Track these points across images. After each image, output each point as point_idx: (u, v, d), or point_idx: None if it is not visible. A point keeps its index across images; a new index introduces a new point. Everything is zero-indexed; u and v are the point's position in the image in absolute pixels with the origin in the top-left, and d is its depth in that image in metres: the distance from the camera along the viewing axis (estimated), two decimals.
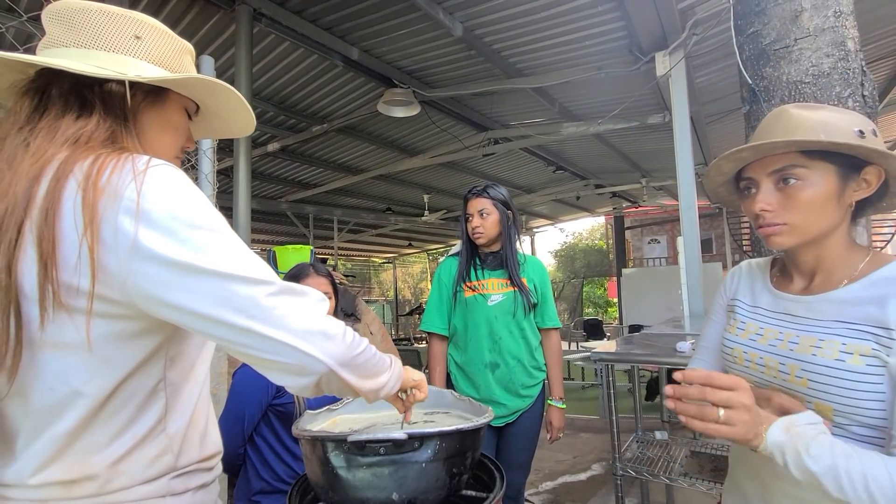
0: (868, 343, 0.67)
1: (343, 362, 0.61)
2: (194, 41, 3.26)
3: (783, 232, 0.74)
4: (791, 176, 0.72)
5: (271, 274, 0.60)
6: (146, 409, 0.64)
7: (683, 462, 1.98)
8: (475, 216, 1.79)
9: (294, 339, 0.58)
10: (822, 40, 1.27)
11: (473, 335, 1.77)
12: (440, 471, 0.80)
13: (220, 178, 5.72)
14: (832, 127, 0.70)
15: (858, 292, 0.72)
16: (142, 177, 0.57)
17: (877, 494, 0.60)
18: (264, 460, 1.31)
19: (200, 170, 1.89)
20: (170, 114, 0.70)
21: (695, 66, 3.60)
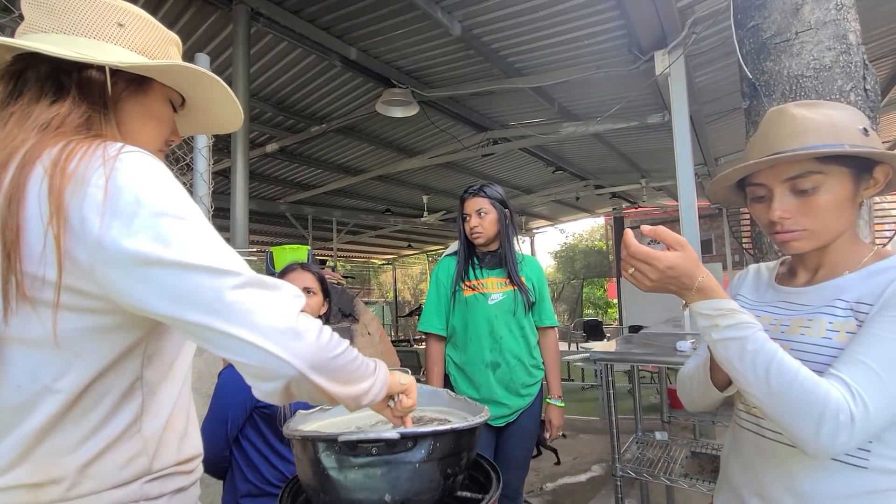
0: (851, 320, 0.70)
1: (315, 365, 0.56)
2: (191, 41, 3.26)
3: (803, 237, 0.75)
4: (806, 184, 0.72)
5: (240, 264, 0.56)
6: (120, 409, 0.61)
7: (684, 463, 1.96)
8: (473, 216, 1.77)
9: (258, 337, 0.53)
10: (823, 33, 1.26)
11: (474, 335, 1.75)
12: (434, 471, 0.78)
13: (218, 178, 5.71)
14: (840, 128, 0.71)
15: (855, 280, 0.74)
16: (112, 163, 0.54)
17: (773, 375, 0.64)
18: (251, 462, 1.28)
19: (196, 168, 1.87)
20: (153, 104, 0.68)
21: (694, 66, 3.59)
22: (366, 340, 2.88)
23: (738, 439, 0.85)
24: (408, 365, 6.24)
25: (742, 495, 0.81)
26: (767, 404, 0.66)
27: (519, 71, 3.76)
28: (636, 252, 0.70)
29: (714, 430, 3.45)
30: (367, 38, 3.34)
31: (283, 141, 4.85)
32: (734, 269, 7.82)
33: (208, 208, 1.87)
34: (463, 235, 1.81)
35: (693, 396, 0.89)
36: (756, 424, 0.80)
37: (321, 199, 7.23)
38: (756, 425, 0.80)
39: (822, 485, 0.70)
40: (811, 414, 0.62)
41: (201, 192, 1.87)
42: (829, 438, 0.61)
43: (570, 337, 9.13)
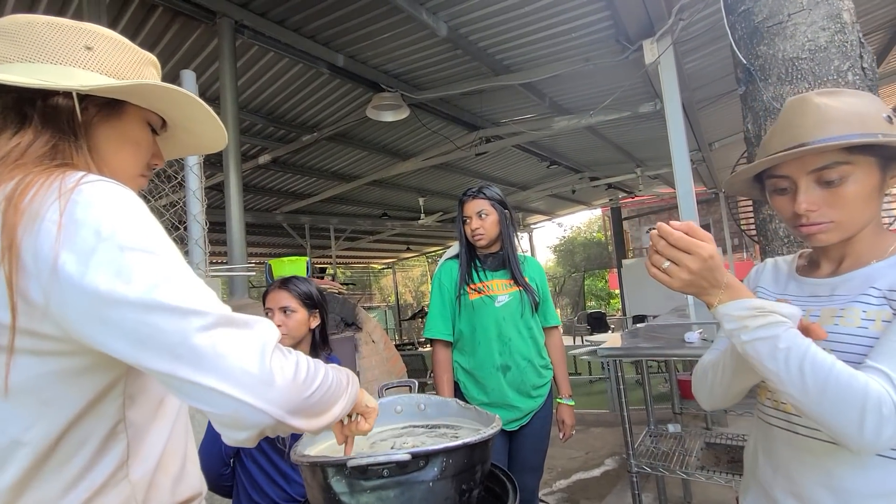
0: (886, 308, 0.67)
1: (293, 409, 0.52)
2: (177, 57, 3.23)
3: (829, 230, 0.72)
4: (833, 175, 0.70)
5: (208, 302, 0.52)
6: (103, 455, 0.57)
7: (699, 455, 1.94)
8: (473, 218, 1.75)
9: (228, 385, 0.49)
10: (816, 13, 1.23)
11: (482, 338, 1.72)
12: (449, 489, 0.76)
13: (212, 193, 5.69)
14: (866, 116, 0.69)
15: (885, 268, 0.71)
16: (68, 195, 0.51)
17: (808, 372, 0.61)
18: (255, 483, 1.26)
19: (188, 187, 1.85)
20: (128, 128, 0.64)
21: (683, 52, 3.57)
22: (370, 348, 2.86)
23: (766, 437, 0.82)
24: (413, 368, 6.22)
25: (775, 496, 0.78)
26: (804, 403, 0.63)
27: (508, 68, 3.74)
28: (678, 240, 0.64)
29: (726, 419, 3.43)
30: (354, 44, 3.31)
31: (275, 152, 4.83)
32: (734, 252, 7.81)
33: (203, 225, 1.85)
34: (464, 238, 1.79)
35: (715, 388, 0.82)
36: (787, 421, 0.77)
37: (317, 207, 7.21)
38: (787, 422, 0.77)
39: (864, 481, 0.67)
40: (852, 409, 0.59)
41: (195, 209, 1.85)
42: (874, 433, 0.59)
43: (575, 330, 9.12)
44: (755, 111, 1.34)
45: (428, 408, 1.05)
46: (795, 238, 1.27)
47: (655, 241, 0.67)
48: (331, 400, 0.59)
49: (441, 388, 1.75)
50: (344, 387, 0.64)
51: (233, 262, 2.78)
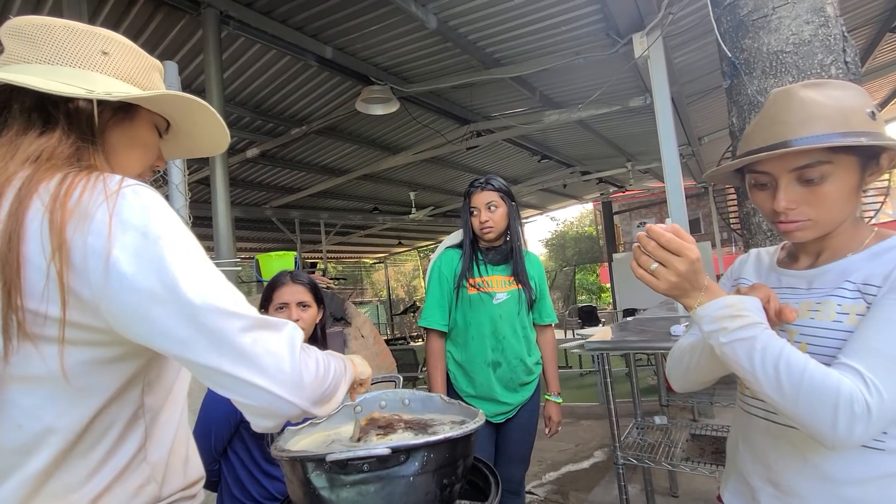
0: (860, 302, 0.68)
1: (316, 400, 0.60)
2: (161, 49, 3.17)
3: (807, 227, 0.73)
4: (814, 174, 0.70)
5: (245, 305, 0.57)
6: (125, 439, 0.60)
7: (684, 446, 1.96)
8: (483, 210, 1.70)
9: (266, 381, 0.55)
10: (800, 7, 1.23)
11: (476, 333, 1.71)
12: (430, 483, 0.76)
13: (199, 187, 5.62)
14: (850, 112, 0.69)
15: (860, 261, 0.72)
16: (114, 198, 0.54)
17: (783, 372, 0.63)
18: (237, 479, 1.26)
19: (171, 181, 1.82)
20: (139, 131, 0.68)
21: (673, 47, 3.57)
22: (360, 343, 2.85)
23: (745, 426, 0.83)
24: (405, 363, 6.22)
25: (753, 484, 0.80)
26: (780, 401, 0.64)
27: (498, 61, 3.72)
28: (669, 242, 0.65)
29: (713, 410, 3.48)
30: (342, 36, 3.27)
31: (263, 145, 4.77)
32: (723, 247, 7.89)
33: (187, 220, 1.82)
34: (470, 230, 1.75)
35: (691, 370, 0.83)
36: (765, 410, 0.78)
37: (307, 201, 7.16)
38: (765, 411, 0.78)
39: (839, 469, 0.69)
40: (826, 407, 0.61)
41: (178, 203, 1.81)
42: (847, 430, 0.60)
43: (566, 324, 9.17)
44: (740, 105, 1.35)
45: (412, 403, 1.05)
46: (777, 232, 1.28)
47: (644, 242, 0.67)
48: (337, 384, 0.66)
49: (434, 377, 1.74)
50: (342, 372, 0.69)
51: (220, 257, 2.74)
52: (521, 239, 1.80)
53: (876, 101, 5.88)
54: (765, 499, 0.77)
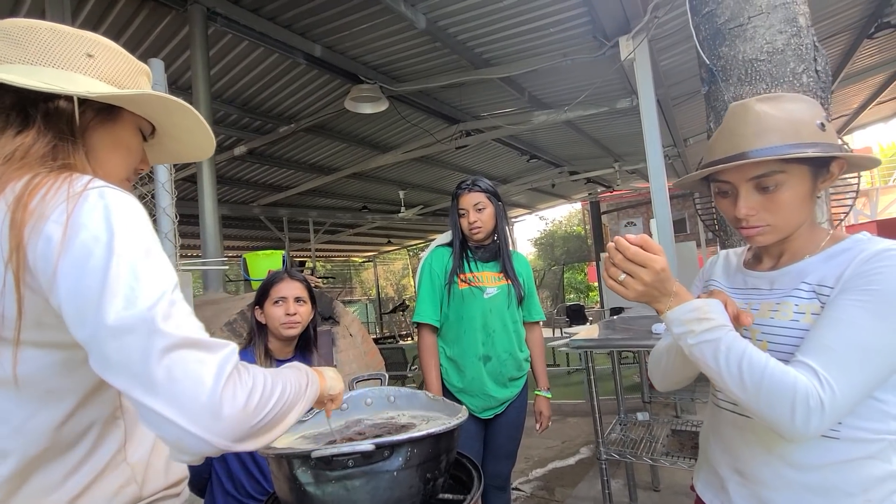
0: (815, 301, 0.73)
1: (239, 437, 0.52)
2: (146, 45, 3.13)
3: (766, 232, 0.78)
4: (769, 182, 0.75)
5: (179, 321, 0.52)
6: (104, 440, 0.60)
7: (665, 442, 2.01)
8: (471, 211, 1.76)
9: (174, 413, 0.48)
10: (774, 17, 1.28)
11: (468, 328, 1.75)
12: (413, 478, 0.78)
13: (186, 185, 5.56)
14: (801, 124, 0.74)
15: (815, 263, 0.77)
16: (75, 199, 0.53)
17: (745, 371, 0.67)
18: (231, 474, 1.26)
19: (157, 179, 1.81)
20: (122, 133, 0.67)
21: (659, 50, 3.63)
22: (348, 342, 2.86)
23: (716, 418, 0.88)
24: (394, 361, 6.22)
25: (721, 473, 0.84)
26: (743, 398, 0.68)
27: (487, 61, 3.75)
28: (635, 255, 0.70)
29: (694, 407, 3.55)
30: (331, 35, 3.27)
31: (251, 143, 4.74)
32: (708, 246, 8.02)
33: (173, 219, 1.81)
34: (459, 231, 1.80)
35: (669, 370, 0.88)
36: (733, 403, 0.83)
37: (296, 200, 7.12)
38: (732, 404, 0.83)
39: (798, 457, 0.74)
40: (784, 403, 0.65)
41: (165, 202, 1.80)
42: (803, 423, 0.65)
43: (554, 323, 9.24)
44: (717, 111, 1.39)
45: (397, 399, 1.07)
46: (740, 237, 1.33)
47: (613, 254, 0.72)
48: (285, 411, 0.59)
49: (429, 371, 1.76)
50: (303, 391, 0.65)
51: (207, 256, 2.73)
52: (510, 238, 1.86)
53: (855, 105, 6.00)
54: (732, 486, 0.81)
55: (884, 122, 8.80)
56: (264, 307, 1.38)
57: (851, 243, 0.75)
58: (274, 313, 1.36)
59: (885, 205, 15.24)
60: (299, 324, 1.38)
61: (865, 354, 0.66)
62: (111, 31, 2.95)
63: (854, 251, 0.72)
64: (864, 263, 0.69)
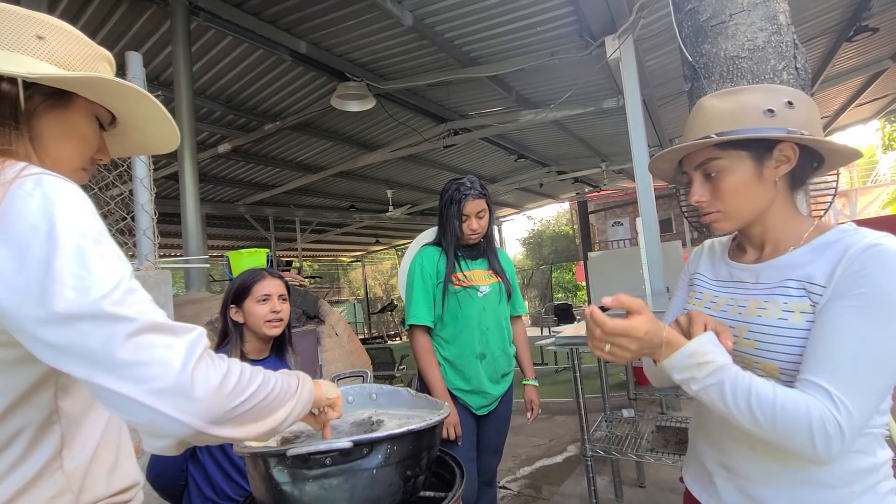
0: (805, 300, 0.71)
1: (216, 419, 0.51)
2: (125, 40, 3.07)
3: (720, 219, 0.79)
4: (711, 169, 0.77)
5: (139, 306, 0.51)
6: (37, 446, 0.56)
7: (650, 438, 2.02)
8: (473, 218, 1.74)
9: (144, 394, 0.48)
10: (755, 14, 1.29)
11: (464, 327, 1.74)
12: (393, 475, 0.76)
13: (168, 183, 5.46)
14: (741, 113, 0.74)
15: (801, 256, 0.75)
16: (7, 187, 0.50)
17: (756, 408, 0.66)
18: (208, 477, 1.23)
19: (135, 175, 1.76)
20: (74, 121, 0.63)
21: (644, 50, 3.66)
22: (333, 341, 2.83)
23: (703, 415, 0.88)
24: (382, 362, 6.19)
25: (708, 467, 0.85)
26: (759, 432, 0.67)
27: (474, 60, 3.74)
28: (613, 328, 0.69)
29: (679, 403, 3.59)
30: (317, 31, 3.23)
31: (235, 141, 4.67)
32: (693, 245, 8.12)
33: (151, 215, 1.77)
34: (457, 232, 1.76)
35: (659, 377, 0.89)
36: None
37: (282, 198, 7.04)
38: None
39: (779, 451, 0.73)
40: (801, 433, 0.64)
41: (143, 199, 1.76)
42: (825, 450, 0.64)
43: (542, 321, 9.30)
44: None
45: (379, 397, 1.06)
46: None
47: (592, 328, 0.70)
48: (272, 406, 0.59)
49: (431, 372, 1.71)
50: (293, 391, 0.64)
51: (189, 254, 2.68)
52: (494, 236, 1.88)
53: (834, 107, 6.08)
54: (719, 481, 0.82)
55: (862, 124, 9.02)
56: (244, 305, 1.35)
57: (837, 234, 0.73)
58: (258, 311, 1.33)
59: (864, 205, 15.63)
60: (282, 322, 1.37)
61: (874, 365, 0.64)
62: (89, 25, 2.88)
63: (841, 244, 0.70)
64: (852, 263, 0.67)
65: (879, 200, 15.78)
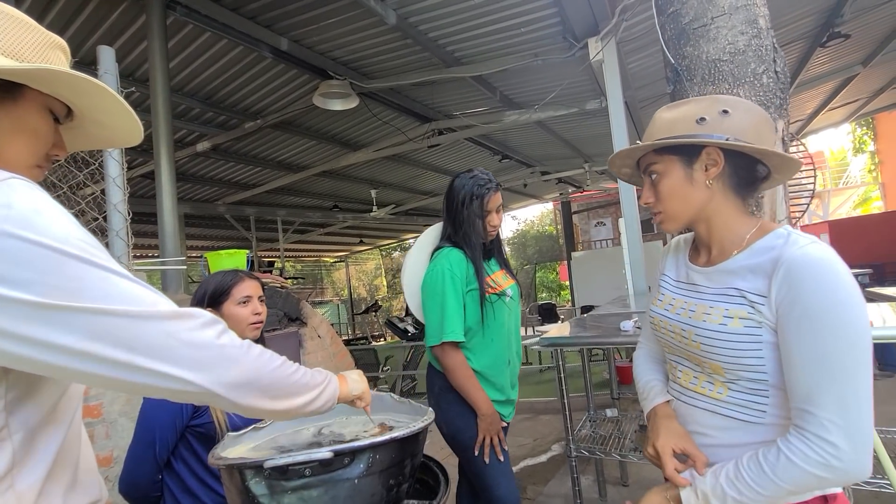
0: (744, 307, 0.76)
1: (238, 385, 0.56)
2: (98, 34, 2.97)
3: (663, 219, 0.86)
4: (652, 172, 0.85)
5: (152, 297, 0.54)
6: None
7: (633, 437, 2.03)
8: (494, 213, 1.63)
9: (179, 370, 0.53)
10: (736, 18, 1.31)
11: (496, 336, 1.61)
12: (376, 485, 0.74)
13: (144, 182, 5.32)
14: (677, 122, 0.81)
15: (742, 262, 0.79)
16: None
17: (761, 491, 0.71)
18: (186, 488, 1.19)
19: (107, 174, 1.70)
20: (24, 114, 0.59)
21: (627, 52, 3.70)
22: (316, 343, 2.78)
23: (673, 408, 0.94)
24: (366, 363, 6.14)
25: None
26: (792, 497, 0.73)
27: (458, 60, 3.73)
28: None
29: None
30: (298, 28, 3.18)
31: (215, 139, 4.57)
32: None
33: (125, 216, 1.71)
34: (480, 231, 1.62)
35: None
36: (679, 392, 0.89)
37: (263, 198, 6.92)
38: (679, 392, 0.89)
39: (728, 436, 0.80)
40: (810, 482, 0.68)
41: (115, 199, 1.70)
42: (842, 474, 0.67)
43: (527, 321, 9.34)
44: None
45: None
46: None
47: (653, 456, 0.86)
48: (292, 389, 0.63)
49: (474, 390, 1.53)
50: (316, 384, 0.67)
51: (165, 255, 2.60)
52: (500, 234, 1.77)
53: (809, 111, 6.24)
54: None
55: (834, 128, 9.31)
56: (223, 308, 1.31)
57: (772, 240, 0.77)
58: (240, 314, 1.30)
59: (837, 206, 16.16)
60: (262, 323, 1.34)
61: (844, 376, 0.67)
62: (60, 18, 2.77)
63: (774, 255, 0.74)
64: (784, 281, 0.71)
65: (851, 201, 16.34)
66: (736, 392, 0.78)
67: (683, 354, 0.86)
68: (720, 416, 0.79)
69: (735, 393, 0.78)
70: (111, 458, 1.65)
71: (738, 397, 0.77)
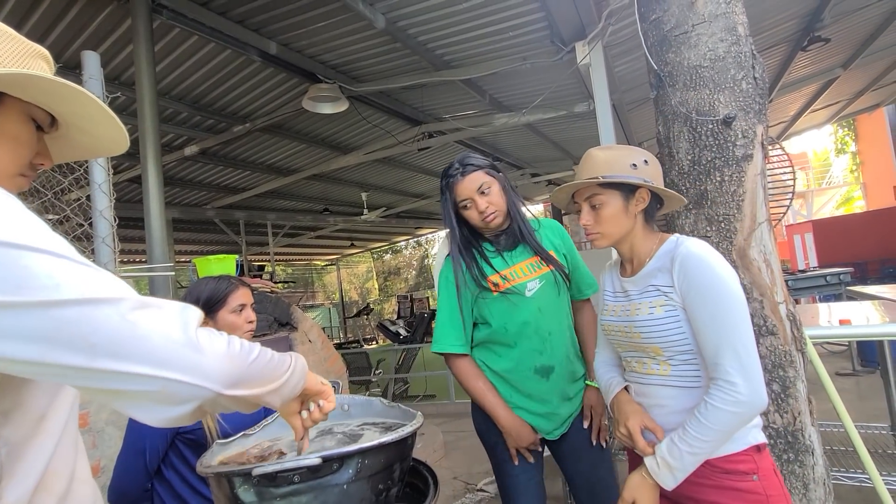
0: (661, 297, 1.02)
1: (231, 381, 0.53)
2: (83, 38, 2.94)
3: (599, 238, 1.09)
4: (595, 202, 1.07)
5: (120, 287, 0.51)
6: None
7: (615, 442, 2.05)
8: (476, 198, 1.37)
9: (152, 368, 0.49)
10: (716, 25, 1.34)
11: (517, 338, 1.39)
12: (364, 490, 0.75)
13: (131, 186, 5.26)
14: (614, 163, 1.05)
15: (653, 266, 1.06)
16: None
17: (706, 439, 0.93)
18: (176, 495, 1.19)
19: (93, 179, 1.69)
20: (5, 122, 0.58)
21: (614, 56, 3.74)
22: (307, 348, 2.77)
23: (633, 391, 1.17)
24: (358, 366, 6.12)
25: None
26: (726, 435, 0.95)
27: (447, 63, 3.75)
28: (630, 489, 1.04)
29: None
30: (287, 32, 3.17)
31: (203, 143, 4.53)
32: None
33: (111, 222, 1.69)
34: (464, 230, 1.45)
35: None
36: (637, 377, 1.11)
37: (253, 202, 6.87)
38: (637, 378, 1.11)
39: (677, 403, 1.02)
40: (731, 416, 0.92)
41: (101, 205, 1.69)
42: (748, 407, 0.92)
43: None
44: (665, 114, 1.44)
45: (352, 408, 1.04)
46: (700, 233, 1.39)
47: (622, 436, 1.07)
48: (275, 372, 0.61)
49: (484, 396, 1.38)
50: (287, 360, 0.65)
51: (153, 261, 2.58)
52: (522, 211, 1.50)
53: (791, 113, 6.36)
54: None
55: (817, 129, 9.49)
56: (217, 316, 1.30)
57: (669, 246, 1.04)
58: (235, 322, 1.29)
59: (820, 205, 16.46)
60: (253, 330, 1.34)
61: (732, 328, 0.93)
62: (42, 22, 2.74)
63: (671, 255, 1.02)
64: (680, 273, 0.99)
65: (833, 201, 16.66)
66: (676, 366, 1.02)
67: (632, 347, 1.09)
68: (669, 387, 1.03)
69: (676, 367, 1.02)
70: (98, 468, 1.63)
71: (679, 370, 1.02)
